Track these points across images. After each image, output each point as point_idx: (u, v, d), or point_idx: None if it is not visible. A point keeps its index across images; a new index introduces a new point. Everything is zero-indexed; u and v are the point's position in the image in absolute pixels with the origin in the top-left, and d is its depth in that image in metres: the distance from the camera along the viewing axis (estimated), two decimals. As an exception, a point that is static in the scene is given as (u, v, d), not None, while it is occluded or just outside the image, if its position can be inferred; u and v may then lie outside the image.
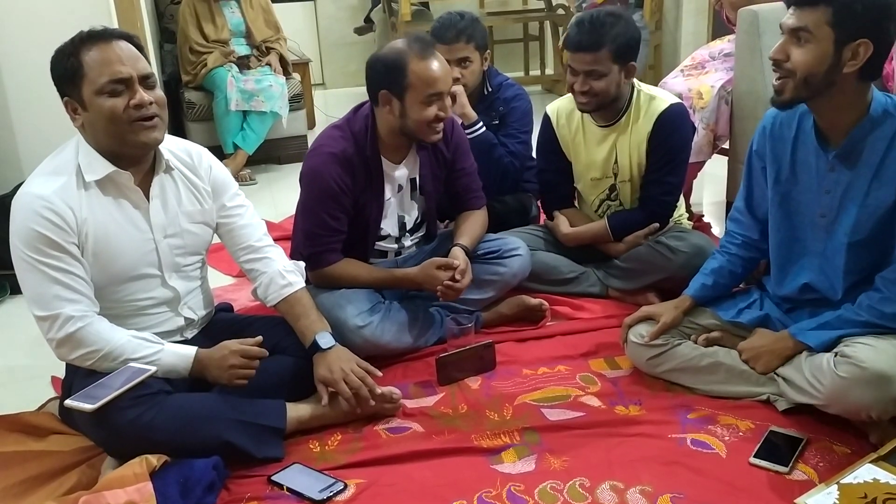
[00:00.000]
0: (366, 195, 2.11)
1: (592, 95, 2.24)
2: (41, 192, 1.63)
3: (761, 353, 1.81)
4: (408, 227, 2.26)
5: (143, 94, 1.64)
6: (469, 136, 2.54)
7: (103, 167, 1.68)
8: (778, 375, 1.78)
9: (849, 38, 1.57)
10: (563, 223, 2.47)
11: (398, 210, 2.22)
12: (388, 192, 2.17)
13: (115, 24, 3.05)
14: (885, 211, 1.65)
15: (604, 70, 2.20)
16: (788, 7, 1.64)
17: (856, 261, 1.71)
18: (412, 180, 2.21)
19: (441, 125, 2.07)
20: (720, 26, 3.40)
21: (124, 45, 1.66)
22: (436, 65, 2.02)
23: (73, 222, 1.63)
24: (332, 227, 2.09)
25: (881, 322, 1.64)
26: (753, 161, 1.89)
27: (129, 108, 1.63)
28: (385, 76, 2.02)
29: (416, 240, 2.32)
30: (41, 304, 1.63)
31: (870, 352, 1.58)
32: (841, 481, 1.47)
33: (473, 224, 2.26)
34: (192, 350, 1.73)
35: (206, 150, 1.91)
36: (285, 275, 1.89)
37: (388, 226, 2.21)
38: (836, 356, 1.62)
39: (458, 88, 2.51)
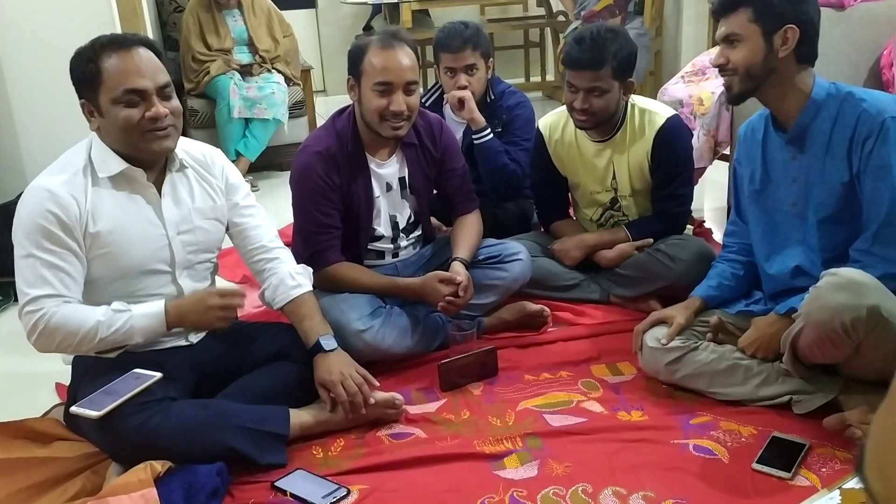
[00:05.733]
0: (353, 191, 2.13)
1: (591, 114, 2.24)
2: (47, 185, 1.66)
3: (760, 342, 1.84)
4: (401, 227, 2.27)
5: (159, 107, 1.65)
6: (476, 142, 2.55)
7: (117, 164, 1.70)
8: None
9: (775, 28, 1.72)
10: (573, 234, 2.46)
11: (389, 210, 2.24)
12: (377, 190, 2.19)
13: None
14: (841, 186, 1.74)
15: (606, 87, 2.20)
16: (717, 19, 1.81)
17: (828, 238, 1.78)
18: (401, 179, 2.23)
19: (400, 122, 2.07)
20: (720, 33, 3.41)
21: (144, 54, 1.67)
22: (391, 56, 2.04)
23: (76, 214, 1.65)
24: (325, 223, 2.11)
25: None
26: (737, 170, 2.00)
27: (144, 119, 1.64)
28: (350, 62, 2.09)
29: (412, 241, 2.33)
30: (22, 299, 1.65)
31: (846, 269, 1.65)
32: (843, 487, 1.47)
33: (469, 233, 2.27)
34: (159, 304, 1.71)
35: (219, 151, 1.94)
36: (295, 276, 1.90)
37: (381, 225, 2.23)
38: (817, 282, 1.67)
39: (467, 94, 2.53)
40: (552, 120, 2.48)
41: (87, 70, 1.64)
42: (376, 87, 2.03)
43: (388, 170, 2.20)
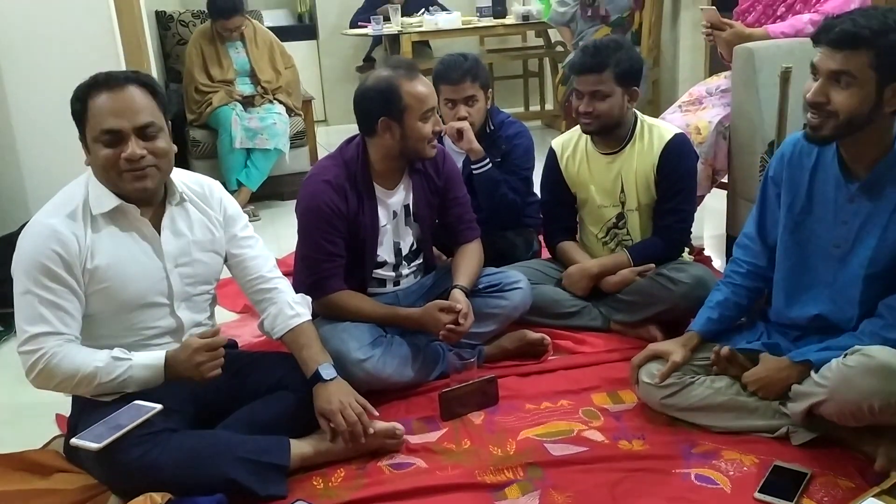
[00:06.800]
0: (360, 220, 2.15)
1: (595, 116, 2.32)
2: (49, 222, 1.67)
3: (766, 382, 1.81)
4: (404, 254, 2.29)
5: (134, 149, 1.65)
6: (475, 172, 2.58)
7: (110, 201, 1.72)
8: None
9: (891, 79, 1.57)
10: (582, 259, 2.48)
11: (393, 237, 2.25)
12: (384, 219, 2.21)
13: (122, 66, 3.10)
14: None
15: (607, 91, 2.29)
16: (817, 46, 1.62)
17: (872, 291, 1.72)
18: (406, 206, 2.25)
19: (435, 139, 2.16)
20: (717, 62, 3.45)
21: (133, 93, 1.67)
22: (423, 83, 2.12)
23: (76, 250, 1.67)
24: (330, 251, 2.12)
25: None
26: (769, 187, 1.90)
27: (121, 160, 1.66)
28: (381, 104, 2.09)
29: (414, 269, 2.34)
30: (20, 336, 1.66)
31: (879, 348, 1.59)
32: (845, 515, 1.46)
33: (470, 261, 2.29)
34: (160, 357, 1.72)
35: (217, 182, 1.96)
36: (294, 306, 1.91)
37: (384, 252, 2.25)
38: (845, 356, 1.62)
39: (465, 125, 2.56)
40: (565, 138, 2.56)
41: (75, 108, 1.68)
42: (426, 114, 2.10)
43: (395, 198, 2.23)
